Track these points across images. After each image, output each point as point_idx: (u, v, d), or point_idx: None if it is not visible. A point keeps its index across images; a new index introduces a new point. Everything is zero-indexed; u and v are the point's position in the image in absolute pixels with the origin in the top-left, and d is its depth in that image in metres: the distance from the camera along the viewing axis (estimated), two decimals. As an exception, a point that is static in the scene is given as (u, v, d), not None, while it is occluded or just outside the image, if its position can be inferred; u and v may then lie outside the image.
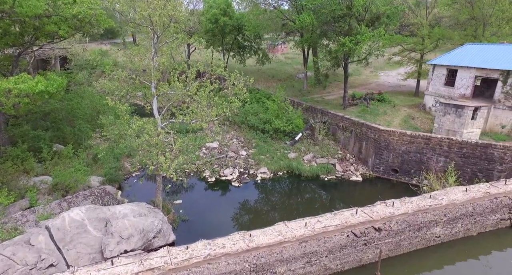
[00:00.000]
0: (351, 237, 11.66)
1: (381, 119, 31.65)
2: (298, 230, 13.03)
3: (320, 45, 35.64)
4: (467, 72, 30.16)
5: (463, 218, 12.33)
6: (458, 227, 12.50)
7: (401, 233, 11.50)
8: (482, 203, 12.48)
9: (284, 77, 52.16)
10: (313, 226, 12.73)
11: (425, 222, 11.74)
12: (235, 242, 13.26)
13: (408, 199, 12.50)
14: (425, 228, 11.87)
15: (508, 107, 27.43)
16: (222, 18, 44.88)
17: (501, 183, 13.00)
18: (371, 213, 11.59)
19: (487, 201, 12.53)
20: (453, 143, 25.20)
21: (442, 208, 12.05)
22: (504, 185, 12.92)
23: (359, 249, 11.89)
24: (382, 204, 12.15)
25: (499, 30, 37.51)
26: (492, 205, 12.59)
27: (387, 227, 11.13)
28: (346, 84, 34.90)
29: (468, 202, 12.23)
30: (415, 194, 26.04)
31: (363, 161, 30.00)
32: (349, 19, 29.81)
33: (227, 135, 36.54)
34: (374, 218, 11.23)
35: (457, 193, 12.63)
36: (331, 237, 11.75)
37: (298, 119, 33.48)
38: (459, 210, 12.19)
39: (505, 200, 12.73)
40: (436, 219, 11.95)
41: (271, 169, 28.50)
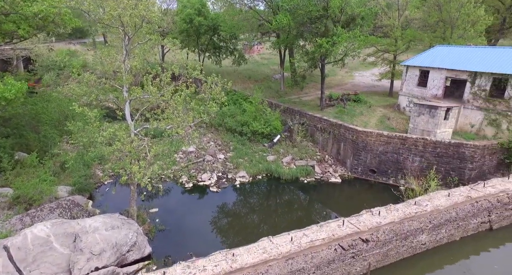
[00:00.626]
0: (338, 250, 11.24)
1: (358, 120, 31.95)
2: (283, 246, 12.53)
3: (297, 46, 35.55)
4: (438, 73, 31.00)
5: (447, 224, 12.40)
6: (442, 233, 12.56)
7: (389, 243, 11.32)
8: (464, 207, 12.62)
9: (261, 78, 51.83)
10: (299, 241, 12.27)
11: (412, 230, 11.65)
12: (217, 263, 12.47)
13: (393, 207, 12.37)
14: (411, 236, 11.78)
15: (477, 107, 28.38)
16: (196, 18, 43.91)
17: (480, 186, 13.20)
18: (358, 223, 11.30)
19: (469, 205, 12.68)
20: (427, 143, 25.74)
21: (427, 215, 12.01)
22: (483, 188, 13.12)
23: (347, 262, 11.53)
24: (368, 213, 11.94)
25: (465, 32, 38.93)
26: (473, 209, 12.76)
27: (375, 238, 10.92)
28: (323, 85, 34.99)
29: (451, 208, 12.32)
30: (393, 195, 26.60)
31: (341, 162, 30.14)
32: (325, 20, 29.83)
33: (204, 138, 35.68)
34: (361, 229, 10.95)
35: (440, 199, 12.69)
36: (319, 252, 11.24)
37: (276, 121, 33.19)
38: (443, 216, 12.24)
39: (485, 203, 12.96)
40: (422, 227, 11.89)
41: (250, 173, 28.00)
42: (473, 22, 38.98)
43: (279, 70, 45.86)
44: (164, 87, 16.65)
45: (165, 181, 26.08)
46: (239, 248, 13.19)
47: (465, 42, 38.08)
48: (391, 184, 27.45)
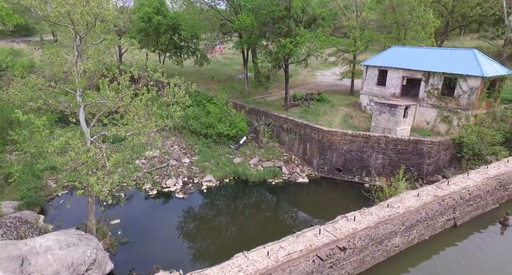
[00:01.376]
0: (316, 262, 10.90)
1: (323, 119, 32.39)
2: (260, 262, 11.95)
3: (260, 46, 35.31)
4: (395, 73, 32.27)
5: (418, 224, 12.68)
6: (413, 233, 12.82)
7: (365, 249, 11.28)
8: (432, 207, 12.99)
9: (224, 78, 51.07)
10: (276, 255, 11.81)
11: (386, 234, 11.71)
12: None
13: (367, 210, 12.36)
14: (386, 240, 11.86)
15: (431, 105, 29.89)
16: (155, 17, 42.18)
17: (444, 184, 13.69)
18: (334, 231, 11.08)
19: (436, 204, 13.09)
20: (389, 140, 26.63)
21: (399, 217, 12.14)
22: (447, 185, 13.59)
23: (325, 273, 11.25)
24: (343, 219, 11.81)
25: (417, 34, 41.04)
26: (440, 208, 13.19)
27: (352, 245, 10.80)
28: (287, 85, 35.07)
29: (421, 208, 12.62)
30: (359, 192, 27.20)
31: (308, 162, 30.35)
32: (288, 20, 29.82)
33: (167, 141, 34.31)
34: (338, 237, 10.76)
35: (410, 199, 12.96)
36: (297, 265, 10.76)
37: (242, 122, 32.72)
38: (414, 217, 12.48)
39: (450, 201, 13.45)
40: (395, 229, 12.00)
41: (217, 176, 27.27)
42: (423, 24, 41.21)
43: (243, 70, 45.43)
44: (123, 90, 15.47)
45: (127, 189, 24.56)
46: (212, 268, 12.29)
47: (418, 43, 40.15)
48: (356, 182, 28.09)
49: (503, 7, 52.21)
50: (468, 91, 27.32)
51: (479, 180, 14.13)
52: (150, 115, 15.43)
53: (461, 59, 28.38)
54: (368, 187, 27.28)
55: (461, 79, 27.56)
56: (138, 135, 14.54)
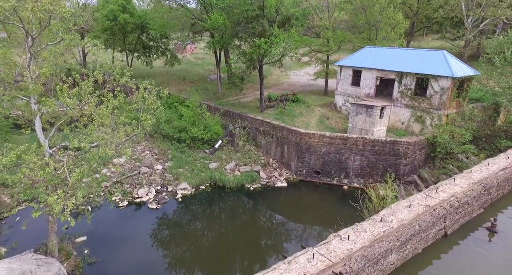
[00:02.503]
0: None
1: (299, 121, 31.90)
2: None
3: (233, 46, 34.27)
4: (369, 73, 32.38)
5: (412, 238, 12.11)
6: (408, 248, 12.26)
7: (362, 271, 10.55)
8: (425, 218, 12.55)
9: (196, 79, 49.51)
10: None
11: (382, 252, 11.00)
12: None
13: (360, 227, 11.58)
14: (382, 259, 11.15)
15: (404, 105, 30.22)
16: (121, 15, 39.97)
17: (433, 192, 13.30)
18: (328, 254, 10.19)
19: (428, 215, 12.65)
20: (366, 141, 26.52)
21: (394, 233, 11.40)
22: (436, 193, 13.14)
23: None
24: (336, 239, 10.98)
25: (388, 34, 41.71)
26: (432, 219, 12.75)
27: (348, 269, 10.01)
28: (262, 86, 34.28)
29: (415, 220, 12.11)
30: (337, 194, 26.96)
31: (286, 165, 29.72)
32: (262, 20, 28.99)
33: (138, 147, 32.45)
34: (333, 261, 9.89)
35: (403, 211, 12.43)
36: None
37: (217, 125, 31.54)
38: (408, 231, 11.93)
39: (441, 210, 13.06)
40: (391, 246, 11.29)
41: (192, 184, 25.95)
42: (393, 25, 41.97)
43: (215, 70, 44.13)
44: (86, 97, 13.89)
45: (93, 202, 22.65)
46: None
47: (389, 43, 40.79)
48: (335, 184, 27.80)
49: (463, 10, 54.50)
50: (440, 91, 27.79)
51: (465, 185, 13.96)
52: (118, 124, 13.98)
53: (432, 60, 28.85)
54: (347, 190, 27.18)
55: (433, 79, 27.99)
56: (104, 147, 13.05)
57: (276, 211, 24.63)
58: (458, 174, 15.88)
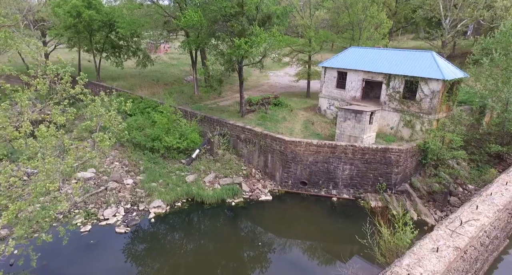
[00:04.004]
0: None
1: (283, 127, 29.79)
2: None
3: (210, 46, 31.64)
4: (355, 75, 30.71)
5: None
6: None
7: None
8: (457, 266, 10.55)
9: (171, 81, 46.40)
10: None
11: None
12: None
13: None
14: None
15: (393, 109, 28.74)
16: (86, 11, 36.33)
17: (457, 225, 11.20)
18: None
19: (460, 261, 10.62)
20: (356, 150, 24.73)
21: None
22: (461, 227, 10.96)
23: None
24: None
25: (372, 34, 40.40)
26: (465, 265, 10.64)
27: None
28: (242, 89, 31.85)
29: (447, 271, 9.90)
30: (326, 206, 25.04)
31: (270, 175, 27.49)
32: (241, 18, 26.58)
33: (106, 158, 29.25)
34: None
35: (430, 258, 10.25)
36: None
37: (193, 133, 28.86)
38: None
39: (473, 252, 11.05)
40: None
41: (167, 200, 23.20)
42: (377, 24, 40.70)
43: (191, 71, 41.24)
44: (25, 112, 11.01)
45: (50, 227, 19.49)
46: None
47: (373, 43, 39.44)
48: (323, 195, 25.87)
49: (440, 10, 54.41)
50: (430, 94, 26.44)
51: (491, 214, 12.11)
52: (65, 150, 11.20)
53: (421, 62, 27.47)
54: (336, 202, 25.29)
55: (423, 82, 26.61)
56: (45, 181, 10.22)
57: (261, 229, 22.38)
58: (477, 198, 13.58)
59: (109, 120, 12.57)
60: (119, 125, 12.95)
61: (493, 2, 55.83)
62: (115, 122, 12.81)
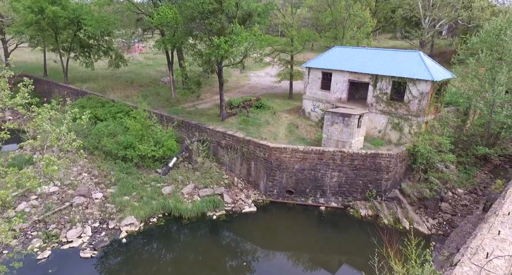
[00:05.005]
0: None
1: (266, 131, 28.07)
2: None
3: (187, 45, 29.45)
4: (341, 76, 29.40)
5: None
6: None
7: None
8: None
9: (146, 82, 43.75)
10: None
11: None
12: None
13: None
14: None
15: (380, 111, 27.60)
16: (49, 7, 33.24)
17: (481, 257, 9.57)
18: None
19: None
20: (345, 155, 23.31)
21: None
22: (490, 262, 9.10)
23: None
24: None
25: (356, 33, 39.34)
26: None
27: None
28: (222, 91, 29.88)
29: None
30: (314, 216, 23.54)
31: (253, 184, 25.67)
32: (220, 15, 24.62)
33: (73, 168, 26.57)
34: None
35: None
36: None
37: (170, 139, 26.64)
38: None
39: None
40: None
41: (141, 216, 20.91)
42: (360, 23, 39.68)
43: (167, 72, 38.79)
44: None
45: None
46: None
47: (357, 43, 38.37)
48: (310, 205, 24.32)
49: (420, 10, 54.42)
50: (419, 96, 25.41)
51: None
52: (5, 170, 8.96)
53: (408, 62, 26.41)
54: (324, 211, 23.84)
55: (411, 83, 25.55)
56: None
57: (245, 243, 20.58)
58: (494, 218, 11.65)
59: (58, 138, 10.37)
60: (72, 143, 10.75)
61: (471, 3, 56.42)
62: (67, 140, 10.61)
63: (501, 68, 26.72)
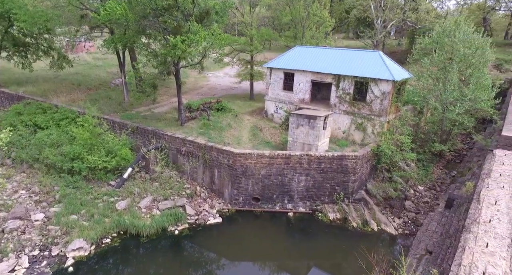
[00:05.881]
0: None
1: (228, 135, 26.66)
2: None
3: (140, 45, 27.05)
4: (303, 76, 28.83)
5: None
6: None
7: None
8: None
9: (96, 85, 40.18)
10: None
11: None
12: None
13: None
14: None
15: (344, 112, 27.43)
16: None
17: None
18: None
19: None
20: (312, 159, 22.62)
21: None
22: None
23: None
24: None
25: (315, 33, 39.21)
26: None
27: None
28: (180, 94, 27.90)
29: None
30: (282, 223, 22.60)
31: (218, 193, 24.13)
32: (176, 12, 22.73)
33: (8, 185, 23.18)
34: None
35: None
36: None
37: (124, 148, 24.21)
38: None
39: None
40: None
41: (91, 238, 18.46)
42: (319, 23, 39.62)
43: (119, 73, 35.76)
44: None
45: None
46: None
47: (317, 42, 38.22)
48: (278, 211, 23.35)
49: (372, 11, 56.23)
50: (380, 95, 25.50)
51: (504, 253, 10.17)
52: None
53: (369, 62, 26.43)
54: (292, 217, 23.00)
55: (373, 83, 25.58)
56: None
57: (211, 256, 19.16)
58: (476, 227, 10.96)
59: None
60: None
61: (418, 5, 59.37)
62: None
63: (452, 67, 27.73)
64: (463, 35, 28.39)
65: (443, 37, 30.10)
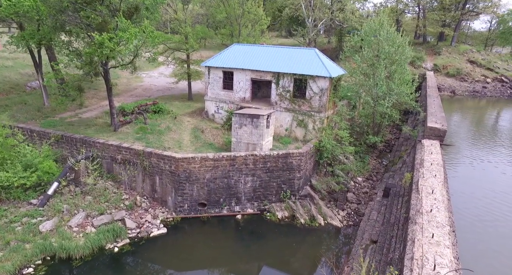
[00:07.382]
0: None
1: (168, 139, 25.12)
2: None
3: (59, 43, 23.99)
4: (243, 75, 28.40)
5: None
6: None
7: None
8: None
9: (7, 89, 35.03)
10: None
11: None
12: None
13: None
14: None
15: (285, 109, 27.65)
16: None
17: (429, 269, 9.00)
18: None
19: None
20: (257, 159, 22.28)
21: None
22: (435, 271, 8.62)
23: None
24: None
25: (251, 31, 39.11)
26: None
27: None
28: (111, 97, 25.49)
29: None
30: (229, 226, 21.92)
31: (160, 201, 22.52)
32: (99, 7, 20.47)
33: None
34: None
35: None
36: None
37: (47, 160, 21.23)
38: None
39: None
40: None
41: (8, 270, 15.74)
42: (255, 21, 39.59)
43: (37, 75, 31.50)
44: None
45: None
46: None
47: (254, 40, 38.12)
48: (225, 215, 22.60)
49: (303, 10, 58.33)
50: (319, 92, 26.16)
51: (447, 242, 10.66)
52: None
53: (306, 59, 26.97)
54: (241, 219, 22.47)
55: (311, 80, 26.11)
56: None
57: (156, 271, 17.64)
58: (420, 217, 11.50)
59: None
60: None
61: (344, 6, 63.00)
62: None
63: (380, 64, 29.70)
64: (387, 34, 30.53)
65: (370, 35, 32.10)
